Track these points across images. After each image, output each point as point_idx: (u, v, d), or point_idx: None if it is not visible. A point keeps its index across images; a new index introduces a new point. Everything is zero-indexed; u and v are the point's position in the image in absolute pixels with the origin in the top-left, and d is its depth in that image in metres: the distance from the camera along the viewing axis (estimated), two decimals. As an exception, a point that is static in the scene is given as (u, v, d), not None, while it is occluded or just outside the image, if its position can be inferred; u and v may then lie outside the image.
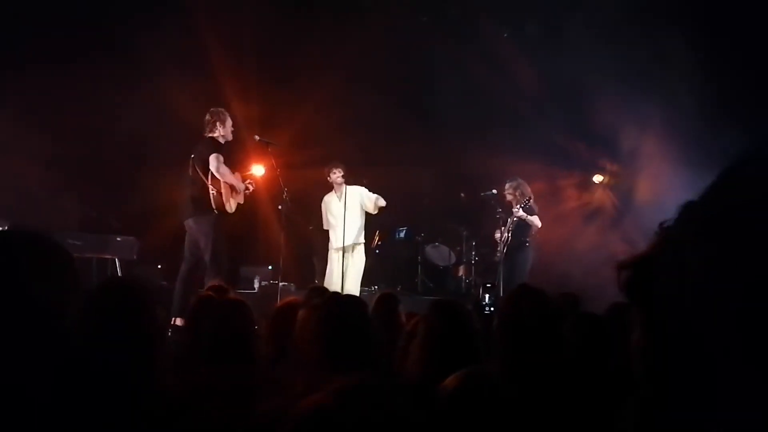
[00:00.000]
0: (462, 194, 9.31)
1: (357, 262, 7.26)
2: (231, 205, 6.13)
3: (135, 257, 7.32)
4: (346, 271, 7.18)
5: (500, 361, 1.85)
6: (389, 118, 8.88)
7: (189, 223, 6.07)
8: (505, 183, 7.50)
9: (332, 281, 7.04)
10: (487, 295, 5.15)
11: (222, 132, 6.10)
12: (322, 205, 7.50)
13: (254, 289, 8.09)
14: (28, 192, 7.01)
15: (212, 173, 5.90)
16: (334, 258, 7.32)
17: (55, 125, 7.13)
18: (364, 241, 7.41)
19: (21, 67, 6.83)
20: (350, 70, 8.43)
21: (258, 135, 6.44)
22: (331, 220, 7.37)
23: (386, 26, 8.34)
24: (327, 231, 7.54)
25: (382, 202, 7.28)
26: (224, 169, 5.99)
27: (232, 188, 6.14)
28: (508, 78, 8.54)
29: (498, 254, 7.43)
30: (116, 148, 7.75)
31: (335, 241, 7.31)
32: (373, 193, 7.38)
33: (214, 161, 5.88)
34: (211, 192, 5.90)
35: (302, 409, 0.90)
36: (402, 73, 8.84)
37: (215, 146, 6.02)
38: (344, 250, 7.23)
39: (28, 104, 6.91)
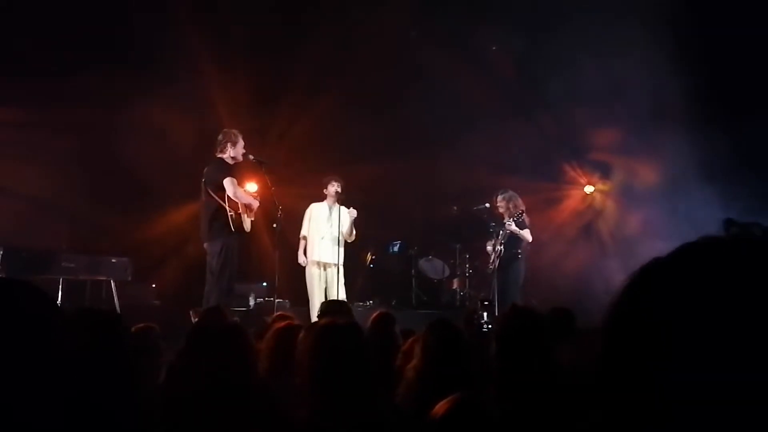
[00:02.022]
0: (455, 207, 9.35)
1: (340, 278, 7.16)
2: (247, 225, 6.27)
3: (129, 278, 7.31)
4: (330, 287, 7.13)
5: (496, 383, 1.86)
6: (383, 134, 8.95)
7: (205, 245, 6.21)
8: (498, 195, 7.54)
9: (315, 301, 6.95)
10: (485, 314, 5.11)
11: (232, 153, 6.23)
12: (307, 211, 7.36)
13: (249, 306, 8.09)
14: (22, 214, 7.02)
15: (229, 196, 6.00)
16: (314, 273, 7.18)
17: (51, 147, 7.15)
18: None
19: (17, 86, 6.86)
20: (344, 89, 8.50)
21: (252, 154, 6.48)
22: (320, 230, 7.24)
23: (378, 45, 8.42)
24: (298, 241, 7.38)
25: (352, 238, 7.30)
26: (240, 192, 6.17)
27: (248, 207, 6.26)
28: (501, 93, 8.64)
29: (491, 266, 7.47)
30: (111, 170, 7.78)
31: (317, 254, 7.19)
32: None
33: (230, 186, 6.00)
34: (229, 214, 5.99)
35: None
36: (396, 90, 8.91)
37: (226, 169, 6.11)
38: (327, 266, 7.16)
39: (24, 124, 6.94)
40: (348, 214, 7.18)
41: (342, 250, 7.21)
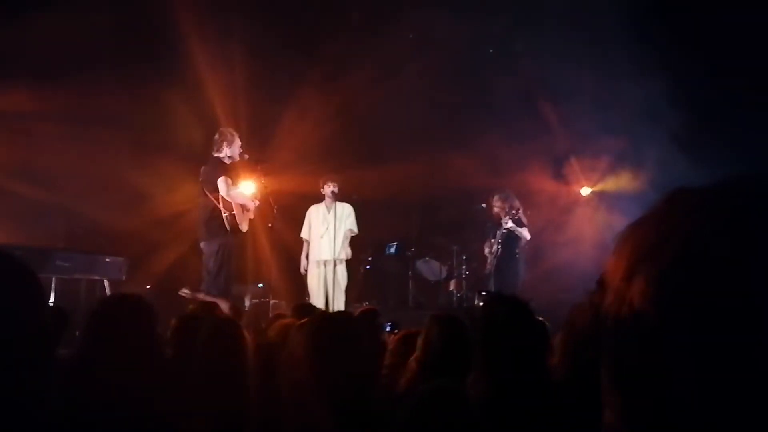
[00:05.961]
0: (453, 209, 9.33)
1: (340, 278, 7.21)
2: (244, 225, 6.26)
3: (124, 278, 7.26)
4: (328, 287, 7.13)
5: (479, 373, 1.83)
6: (379, 134, 8.94)
7: (202, 245, 6.20)
8: (494, 195, 7.53)
9: (314, 301, 6.96)
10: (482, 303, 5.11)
11: (228, 152, 6.23)
12: (307, 214, 7.44)
13: (245, 307, 8.04)
14: (16, 211, 6.97)
15: (222, 196, 5.97)
16: (314, 273, 7.24)
17: (53, 141, 7.11)
18: (347, 257, 7.37)
19: (20, 79, 6.82)
20: (342, 89, 8.50)
21: (248, 153, 6.48)
22: (319, 230, 7.29)
23: (373, 44, 8.42)
24: (301, 241, 7.47)
25: (354, 231, 7.36)
26: (234, 191, 6.14)
27: (244, 207, 6.25)
28: (495, 92, 8.64)
29: (488, 267, 7.45)
30: (112, 167, 7.76)
31: (317, 254, 7.25)
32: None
33: (223, 186, 6.00)
34: (224, 215, 5.98)
35: None
36: (390, 90, 8.91)
37: (221, 168, 6.10)
38: (326, 264, 7.19)
39: (19, 121, 6.90)
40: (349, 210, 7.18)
41: (342, 246, 7.21)
